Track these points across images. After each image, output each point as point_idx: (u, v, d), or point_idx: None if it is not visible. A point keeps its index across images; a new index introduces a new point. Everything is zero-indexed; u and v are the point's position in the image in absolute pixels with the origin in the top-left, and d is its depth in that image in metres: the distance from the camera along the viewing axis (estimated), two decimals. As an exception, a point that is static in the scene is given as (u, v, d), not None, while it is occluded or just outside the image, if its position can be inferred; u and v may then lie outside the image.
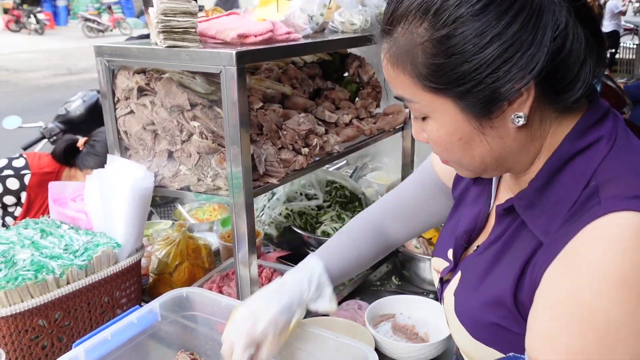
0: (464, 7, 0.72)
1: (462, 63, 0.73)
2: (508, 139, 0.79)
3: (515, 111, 0.76)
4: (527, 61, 0.71)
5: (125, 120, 1.47)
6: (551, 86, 0.75)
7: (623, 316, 0.67)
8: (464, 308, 0.92)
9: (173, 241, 1.68)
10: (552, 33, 0.71)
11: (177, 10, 1.28)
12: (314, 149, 1.60)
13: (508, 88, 0.73)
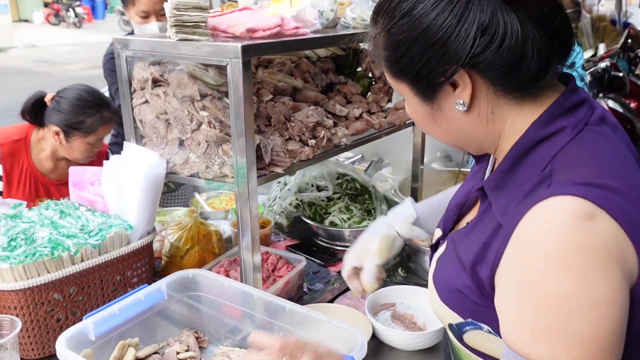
0: (397, 10, 0.84)
1: (401, 57, 0.85)
2: (459, 122, 0.89)
3: (457, 98, 0.85)
4: (451, 55, 0.80)
5: (140, 110, 1.55)
6: (492, 77, 0.82)
7: (571, 290, 0.72)
8: (439, 274, 1.00)
9: (185, 226, 1.76)
10: (476, 29, 0.78)
11: (189, 5, 1.34)
12: (321, 140, 1.65)
13: (441, 77, 0.83)
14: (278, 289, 1.57)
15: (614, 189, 0.76)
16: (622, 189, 0.77)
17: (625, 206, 0.76)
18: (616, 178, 0.78)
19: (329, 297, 1.75)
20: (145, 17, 2.38)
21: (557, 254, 0.73)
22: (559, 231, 0.73)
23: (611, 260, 0.73)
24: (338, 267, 1.88)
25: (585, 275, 0.72)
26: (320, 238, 1.98)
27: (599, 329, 0.72)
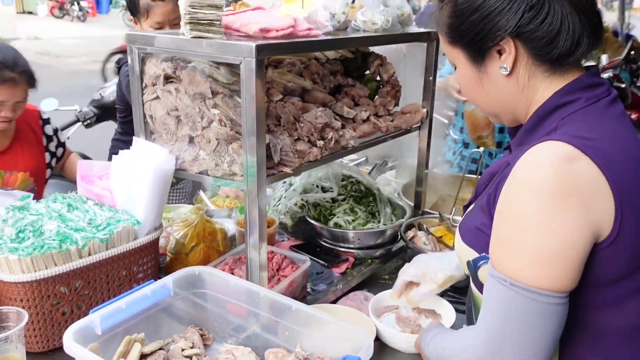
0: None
1: (461, 23, 1.05)
2: (500, 86, 1.06)
3: (502, 63, 1.03)
4: (503, 23, 0.99)
5: (151, 105, 1.55)
6: (532, 47, 1.00)
7: (530, 208, 0.92)
8: (464, 221, 1.19)
9: (191, 223, 1.77)
10: (526, 5, 0.97)
11: (204, 3, 1.35)
12: (329, 142, 1.66)
13: (491, 42, 1.02)
14: (282, 289, 1.58)
15: (603, 146, 0.93)
16: (611, 149, 0.94)
17: (611, 160, 0.92)
18: (609, 141, 0.95)
19: (331, 298, 1.76)
20: (159, 28, 2.35)
21: (533, 183, 0.92)
22: (540, 166, 0.92)
23: (576, 199, 0.91)
24: (341, 268, 1.88)
25: (547, 202, 0.91)
26: (324, 239, 1.99)
27: (544, 245, 0.92)
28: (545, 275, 0.93)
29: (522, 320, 0.95)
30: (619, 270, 0.99)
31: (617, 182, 0.92)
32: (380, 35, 1.74)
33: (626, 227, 0.94)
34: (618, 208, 0.93)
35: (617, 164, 0.94)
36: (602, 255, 0.96)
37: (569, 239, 0.92)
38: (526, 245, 0.93)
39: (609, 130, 0.98)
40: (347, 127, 1.78)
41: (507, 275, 0.95)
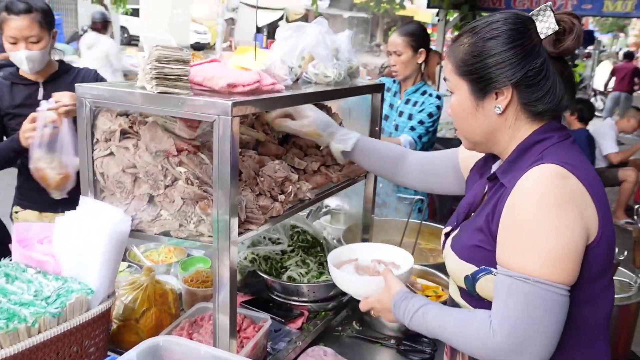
0: (488, 33, 1.22)
1: (476, 62, 1.23)
2: (491, 120, 1.26)
3: (498, 103, 1.23)
4: (510, 74, 1.20)
5: (103, 162, 1.44)
6: (525, 98, 1.22)
7: (541, 218, 1.11)
8: (457, 241, 1.34)
9: (140, 286, 1.64)
10: (531, 66, 1.19)
11: (171, 57, 1.29)
12: (289, 195, 1.63)
13: (495, 85, 1.22)
14: (248, 352, 1.50)
15: (581, 170, 1.16)
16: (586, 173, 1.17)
17: (589, 180, 1.15)
18: (583, 167, 1.18)
19: (292, 357, 1.70)
20: (14, 44, 2.28)
21: (537, 195, 1.12)
22: (541, 181, 1.13)
23: (574, 206, 1.12)
24: (297, 323, 1.83)
25: (552, 209, 1.11)
26: (276, 293, 1.93)
27: (555, 245, 1.11)
28: (559, 271, 1.11)
29: (544, 312, 1.11)
30: (598, 268, 1.19)
31: (596, 196, 1.16)
32: (342, 88, 1.76)
33: (605, 232, 1.17)
34: (600, 216, 1.16)
35: (593, 183, 1.17)
36: (590, 254, 1.16)
37: (573, 239, 1.12)
38: (541, 247, 1.11)
39: (580, 160, 1.22)
40: (301, 179, 1.77)
41: (529, 274, 1.12)
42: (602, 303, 1.24)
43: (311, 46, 1.73)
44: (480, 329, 1.18)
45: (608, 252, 1.20)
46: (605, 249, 1.18)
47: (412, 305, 1.33)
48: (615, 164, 6.10)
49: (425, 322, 1.30)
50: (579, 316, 1.20)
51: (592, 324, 1.24)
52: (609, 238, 1.19)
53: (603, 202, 1.18)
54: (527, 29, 1.21)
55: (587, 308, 1.21)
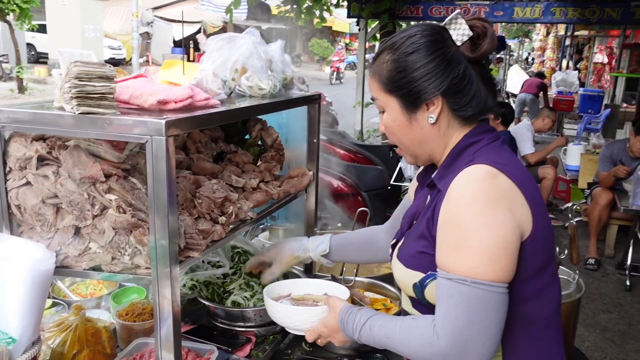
0: (408, 47, 1.24)
1: (402, 77, 1.24)
2: (426, 131, 1.28)
3: (430, 113, 1.26)
4: (437, 84, 1.22)
5: (19, 193, 1.29)
6: (454, 104, 1.25)
7: (472, 217, 1.12)
8: (402, 250, 1.34)
9: (69, 326, 1.49)
10: (455, 73, 1.22)
11: (93, 74, 1.16)
12: (230, 216, 1.53)
13: (425, 97, 1.24)
14: (195, 389, 1.39)
15: (511, 168, 1.17)
16: (517, 171, 1.18)
17: (520, 177, 1.17)
18: (513, 166, 1.20)
19: (242, 387, 1.60)
20: None
21: (469, 195, 1.13)
22: (472, 181, 1.15)
23: (504, 204, 1.12)
24: (245, 351, 1.73)
25: (483, 208, 1.12)
26: (220, 320, 1.81)
27: (487, 244, 1.11)
28: (494, 270, 1.11)
29: (484, 312, 1.11)
30: (537, 264, 1.20)
31: (528, 193, 1.17)
32: (278, 101, 1.68)
33: (539, 228, 1.17)
34: (533, 212, 1.16)
35: (525, 180, 1.19)
36: (526, 251, 1.16)
37: (505, 237, 1.12)
38: (475, 247, 1.12)
39: (510, 159, 1.23)
40: (240, 198, 1.67)
41: (466, 275, 1.11)
42: (548, 297, 1.25)
43: (244, 57, 1.64)
44: (424, 335, 1.17)
45: (545, 248, 1.21)
46: (542, 244, 1.19)
47: (359, 318, 1.31)
48: (532, 164, 6.39)
49: (372, 335, 1.28)
50: (525, 313, 1.21)
51: (541, 319, 1.24)
52: (545, 234, 1.20)
53: (536, 198, 1.19)
54: (444, 38, 1.24)
55: (533, 304, 1.22)
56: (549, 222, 1.23)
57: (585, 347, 3.94)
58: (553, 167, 6.51)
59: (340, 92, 16.66)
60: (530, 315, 1.22)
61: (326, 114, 7.74)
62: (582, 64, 18.22)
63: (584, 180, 6.46)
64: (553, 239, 1.25)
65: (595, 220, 5.34)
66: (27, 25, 14.42)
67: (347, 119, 9.91)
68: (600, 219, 5.35)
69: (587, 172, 6.43)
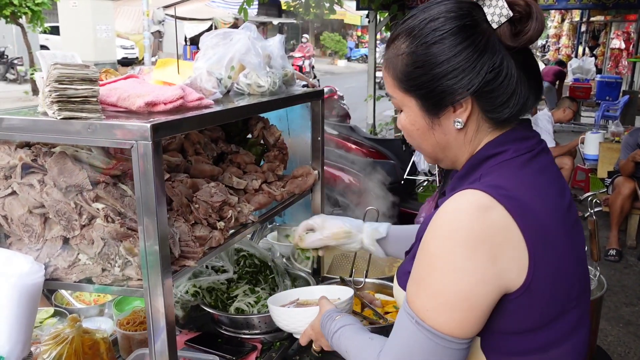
0: (430, 35, 0.99)
1: (422, 74, 1.01)
2: (450, 137, 1.06)
3: (457, 117, 1.02)
4: (466, 82, 0.98)
5: (5, 203, 1.23)
6: (487, 105, 1.01)
7: (442, 251, 0.94)
8: (400, 266, 1.18)
9: (65, 339, 1.43)
10: (488, 67, 0.97)
11: (75, 77, 1.10)
12: (229, 221, 1.46)
13: (451, 98, 1.00)
14: (195, 403, 1.32)
15: (519, 195, 0.95)
16: (528, 198, 0.96)
17: (527, 209, 0.94)
18: (527, 190, 0.97)
19: (247, 398, 1.53)
20: None
21: (447, 227, 0.94)
22: (456, 213, 0.95)
23: (485, 247, 0.91)
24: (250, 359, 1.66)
25: (457, 247, 0.92)
26: (224, 327, 1.75)
27: (447, 288, 0.93)
28: (445, 320, 0.94)
29: (423, 357, 0.96)
30: (537, 317, 0.98)
31: (531, 231, 0.93)
32: (279, 98, 1.60)
33: (541, 274, 0.94)
34: (531, 257, 0.93)
35: (533, 213, 0.95)
36: (516, 303, 0.96)
37: (471, 288, 0.93)
38: (433, 286, 0.95)
39: (527, 184, 0.99)
40: (242, 200, 1.60)
41: (415, 312, 0.97)
42: (554, 355, 1.02)
43: (241, 54, 1.57)
44: (371, 355, 1.07)
45: (552, 299, 0.98)
46: (546, 294, 0.97)
47: (334, 325, 1.24)
48: None
49: (340, 345, 1.21)
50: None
51: None
52: (555, 282, 0.97)
53: (544, 240, 0.95)
54: (476, 21, 0.98)
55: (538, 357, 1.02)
56: (566, 261, 0.99)
57: (608, 341, 3.82)
58: (570, 157, 6.36)
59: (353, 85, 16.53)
60: None
61: (337, 108, 7.65)
62: (598, 50, 17.87)
63: (603, 169, 6.29)
64: (571, 280, 1.01)
65: (618, 211, 5.19)
66: (39, 28, 14.52)
67: (359, 112, 9.81)
68: (623, 208, 5.20)
69: (606, 161, 6.26)
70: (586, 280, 1.07)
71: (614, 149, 6.13)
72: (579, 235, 1.07)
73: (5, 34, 18.70)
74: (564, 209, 1.02)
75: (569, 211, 1.03)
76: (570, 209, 1.04)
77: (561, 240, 0.98)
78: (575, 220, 1.06)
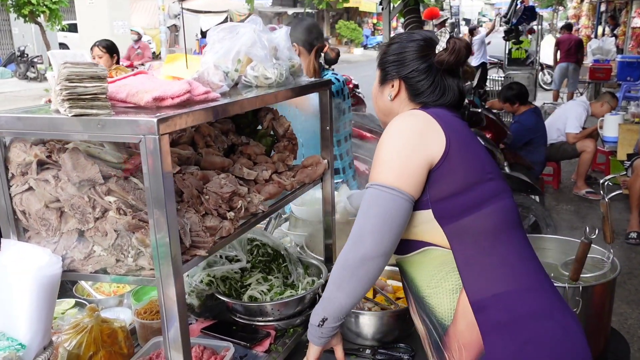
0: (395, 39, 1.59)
1: (386, 58, 1.57)
2: (386, 103, 1.58)
3: (390, 92, 1.55)
4: (398, 70, 1.53)
5: (22, 199, 1.28)
6: (410, 90, 1.53)
7: (386, 139, 1.41)
8: None
9: (84, 328, 1.48)
10: (415, 67, 1.51)
11: (84, 75, 1.14)
12: (239, 211, 1.50)
13: (390, 76, 1.55)
14: (210, 388, 1.37)
15: (436, 111, 1.45)
16: (439, 112, 1.46)
17: (441, 115, 1.43)
18: (440, 111, 1.46)
19: (261, 383, 1.57)
20: None
21: (390, 128, 1.43)
22: (396, 119, 1.45)
23: (415, 129, 1.40)
24: (264, 346, 1.71)
25: (395, 133, 1.41)
26: (238, 315, 1.79)
27: (390, 156, 1.38)
28: (388, 175, 1.36)
29: (377, 210, 1.34)
30: (459, 181, 1.38)
31: (446, 124, 1.40)
32: (284, 90, 1.63)
33: (455, 147, 1.38)
34: (447, 137, 1.38)
35: (446, 118, 1.43)
36: (441, 171, 1.36)
37: (407, 154, 1.36)
38: (380, 158, 1.39)
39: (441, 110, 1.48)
40: (252, 191, 1.64)
41: (372, 180, 1.39)
42: (486, 212, 1.39)
43: (247, 47, 1.60)
44: (349, 240, 1.39)
45: (468, 167, 1.40)
46: (461, 164, 1.38)
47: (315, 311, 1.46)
48: (570, 143, 6.17)
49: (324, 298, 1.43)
50: (468, 226, 1.37)
51: (486, 232, 1.39)
52: (466, 156, 1.40)
53: (454, 131, 1.40)
54: (427, 44, 1.52)
55: (471, 218, 1.37)
56: (474, 148, 1.44)
57: (628, 325, 3.80)
58: (593, 140, 6.27)
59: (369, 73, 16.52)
60: (473, 227, 1.38)
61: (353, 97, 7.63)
62: (619, 30, 17.48)
63: (623, 151, 6.19)
64: (482, 160, 1.43)
65: (637, 193, 5.12)
66: (58, 26, 14.72)
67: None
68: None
69: (626, 143, 6.15)
70: (497, 169, 1.50)
71: (634, 130, 6.03)
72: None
73: (25, 33, 18.99)
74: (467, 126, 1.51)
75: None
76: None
77: (468, 138, 1.45)
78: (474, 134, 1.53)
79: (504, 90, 5.84)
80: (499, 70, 13.15)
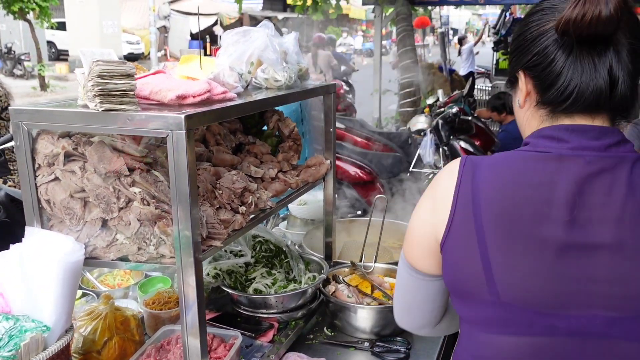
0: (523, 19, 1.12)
1: (510, 59, 1.15)
2: (519, 115, 1.16)
3: (519, 96, 1.12)
4: (518, 59, 1.08)
5: (48, 188, 1.34)
6: (539, 86, 1.05)
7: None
8: None
9: (99, 315, 1.55)
10: (538, 49, 1.03)
11: (114, 72, 1.21)
12: (250, 206, 1.58)
13: (514, 73, 1.11)
14: (221, 373, 1.44)
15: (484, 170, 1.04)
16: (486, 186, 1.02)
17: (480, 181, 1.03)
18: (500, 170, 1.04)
19: (266, 372, 1.65)
20: None
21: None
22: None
23: (431, 199, 1.10)
24: (268, 336, 1.78)
25: (422, 199, 1.14)
26: (242, 307, 1.87)
27: (409, 229, 1.16)
28: (410, 254, 1.17)
29: (408, 288, 1.21)
30: (450, 277, 1.10)
31: (463, 197, 1.03)
32: (294, 92, 1.71)
33: (455, 236, 1.04)
34: (452, 215, 1.04)
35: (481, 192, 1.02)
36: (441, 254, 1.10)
37: (418, 227, 1.14)
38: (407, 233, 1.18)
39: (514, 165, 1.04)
40: (260, 188, 1.72)
41: (403, 253, 1.20)
42: (480, 340, 1.09)
43: (259, 50, 1.68)
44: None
45: (464, 269, 1.04)
46: (456, 260, 1.06)
47: None
48: None
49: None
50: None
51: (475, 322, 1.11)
52: (465, 256, 1.03)
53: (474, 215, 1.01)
54: (542, 8, 1.05)
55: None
56: (493, 259, 1.00)
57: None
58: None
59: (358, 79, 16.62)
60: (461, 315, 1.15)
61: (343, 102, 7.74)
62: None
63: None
64: (493, 280, 1.01)
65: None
66: (47, 24, 14.64)
67: (365, 107, 9.89)
68: None
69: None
70: (538, 302, 1.00)
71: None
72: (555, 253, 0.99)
73: (12, 30, 18.85)
74: (533, 214, 0.99)
75: (539, 223, 0.98)
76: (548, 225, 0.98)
77: (503, 231, 0.99)
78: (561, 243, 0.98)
79: (492, 100, 5.98)
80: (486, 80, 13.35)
